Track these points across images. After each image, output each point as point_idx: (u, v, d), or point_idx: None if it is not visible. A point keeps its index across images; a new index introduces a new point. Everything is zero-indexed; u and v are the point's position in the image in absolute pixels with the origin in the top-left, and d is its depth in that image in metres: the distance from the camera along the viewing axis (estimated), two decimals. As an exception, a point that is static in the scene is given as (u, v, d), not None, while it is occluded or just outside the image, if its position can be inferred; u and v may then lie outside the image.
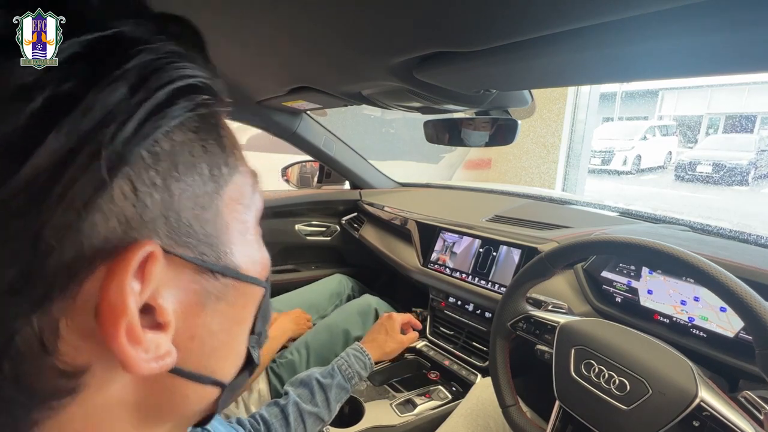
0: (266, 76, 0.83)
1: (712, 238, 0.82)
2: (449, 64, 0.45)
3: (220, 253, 0.22)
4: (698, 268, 0.45)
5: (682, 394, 0.47)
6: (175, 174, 0.19)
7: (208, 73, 0.21)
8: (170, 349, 0.20)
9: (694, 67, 0.40)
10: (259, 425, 0.59)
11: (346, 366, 0.71)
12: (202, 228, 0.21)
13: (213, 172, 0.22)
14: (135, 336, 0.19)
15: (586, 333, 0.58)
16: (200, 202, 0.21)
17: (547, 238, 0.92)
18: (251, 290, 0.25)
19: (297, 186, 1.65)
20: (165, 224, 0.19)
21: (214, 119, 0.22)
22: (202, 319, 0.22)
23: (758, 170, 7.88)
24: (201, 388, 0.24)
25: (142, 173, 0.18)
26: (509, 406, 0.65)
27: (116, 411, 0.21)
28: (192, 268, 0.21)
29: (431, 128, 0.88)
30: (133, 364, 0.19)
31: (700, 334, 0.65)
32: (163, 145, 0.19)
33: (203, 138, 0.21)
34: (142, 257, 0.18)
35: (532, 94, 0.69)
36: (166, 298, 0.20)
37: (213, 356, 0.24)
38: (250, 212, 0.25)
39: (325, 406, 0.65)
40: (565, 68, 0.42)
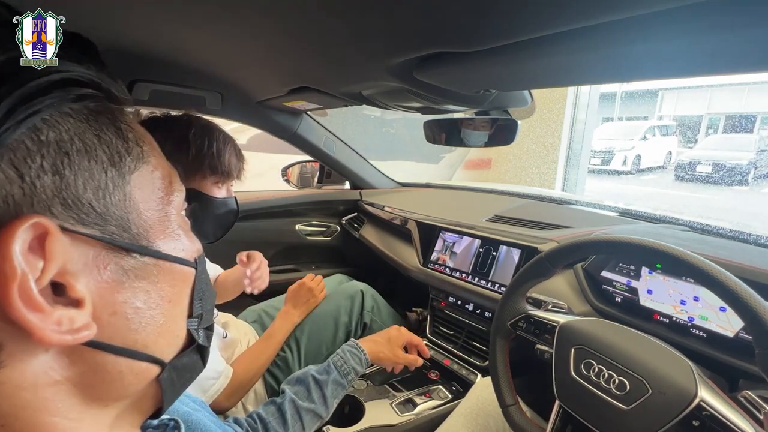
0: (266, 76, 0.83)
1: (712, 238, 0.82)
2: (449, 65, 0.45)
3: (135, 235, 0.24)
4: (698, 268, 0.45)
5: (681, 394, 0.47)
6: (67, 160, 0.21)
7: (96, 73, 0.23)
8: (87, 323, 0.21)
9: (693, 67, 0.40)
10: (256, 424, 0.60)
11: (342, 362, 0.71)
12: (107, 209, 0.22)
13: (113, 159, 0.23)
14: (33, 302, 0.19)
15: (586, 332, 0.58)
16: (102, 186, 0.22)
17: (547, 238, 0.92)
18: (178, 270, 0.27)
19: (297, 186, 1.65)
20: (61, 204, 0.21)
21: (110, 114, 0.24)
22: (123, 295, 0.23)
23: (758, 170, 7.88)
24: (136, 364, 0.24)
25: (27, 158, 0.19)
26: (509, 405, 0.65)
27: (49, 391, 0.21)
28: (102, 246, 0.22)
29: (431, 128, 0.88)
30: (39, 333, 0.19)
31: (700, 333, 0.65)
32: (47, 134, 0.20)
33: (96, 128, 0.23)
34: (30, 229, 0.19)
35: (532, 94, 0.69)
36: (77, 276, 0.21)
37: (142, 332, 0.24)
38: (168, 202, 0.27)
39: (322, 403, 0.65)
40: (565, 68, 0.42)
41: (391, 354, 0.80)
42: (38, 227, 0.20)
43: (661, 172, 9.28)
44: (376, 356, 0.78)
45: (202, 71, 0.84)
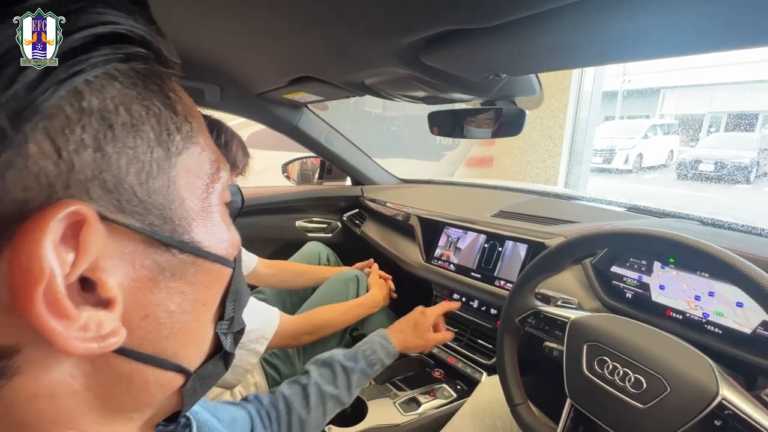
0: (266, 65, 0.81)
1: (726, 231, 0.80)
2: (458, 45, 0.43)
3: (176, 227, 0.21)
4: (722, 260, 0.43)
5: (702, 392, 0.45)
6: (110, 134, 0.18)
7: (147, 29, 0.19)
8: (117, 328, 0.19)
9: (714, 40, 0.38)
10: (278, 402, 0.57)
11: (370, 352, 0.68)
12: (149, 197, 0.19)
13: (161, 138, 0.20)
14: (60, 308, 0.16)
15: (599, 328, 0.55)
16: (146, 168, 0.19)
17: (554, 233, 0.90)
18: (216, 269, 0.24)
19: (297, 182, 1.63)
20: (101, 188, 0.17)
21: (159, 79, 0.20)
22: (157, 296, 0.20)
23: (760, 168, 7.85)
24: (162, 374, 0.22)
25: (65, 129, 0.16)
26: (518, 404, 0.62)
27: (70, 402, 0.19)
28: (141, 239, 0.19)
29: (436, 120, 0.86)
30: (62, 342, 0.17)
31: (716, 330, 0.63)
32: (90, 99, 0.17)
33: (145, 97, 0.19)
34: (66, 218, 0.16)
35: (541, 83, 0.67)
36: (110, 272, 0.18)
37: (173, 338, 0.22)
38: (213, 190, 0.23)
39: (346, 390, 0.63)
40: (578, 46, 0.40)
41: (421, 341, 0.78)
42: (75, 215, 0.16)
43: (663, 170, 9.25)
44: (405, 347, 0.75)
45: (199, 62, 0.82)
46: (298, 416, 0.57)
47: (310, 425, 0.58)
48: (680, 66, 11.83)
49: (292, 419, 0.57)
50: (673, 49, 0.40)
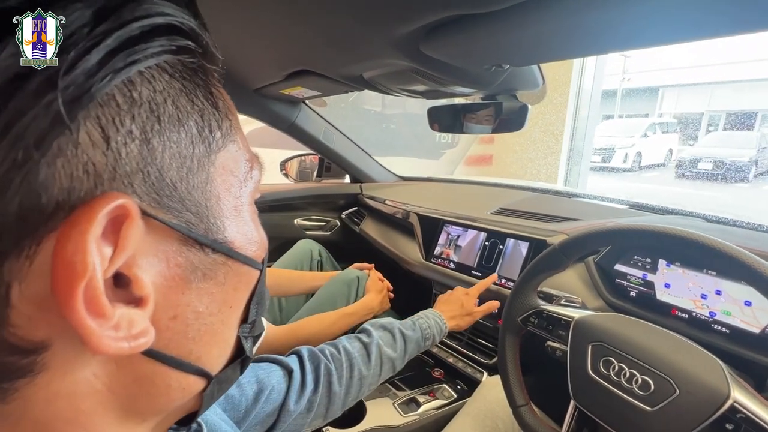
0: (262, 59, 0.79)
1: (733, 228, 0.78)
2: (459, 33, 0.41)
3: (211, 225, 0.20)
4: (737, 258, 0.42)
5: (712, 395, 0.43)
6: (157, 126, 0.17)
7: (195, 22, 0.19)
8: (147, 327, 0.18)
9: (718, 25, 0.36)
10: (340, 355, 0.58)
11: (427, 326, 0.69)
12: (188, 193, 0.19)
13: (203, 133, 0.20)
14: (97, 306, 0.16)
15: (605, 328, 0.54)
16: (187, 164, 0.19)
17: (556, 231, 0.88)
18: (245, 271, 0.23)
19: (296, 180, 1.61)
20: (144, 181, 0.17)
21: (203, 74, 0.20)
22: (187, 297, 0.20)
23: (759, 167, 7.86)
24: (184, 377, 0.21)
25: (116, 118, 0.16)
26: (520, 406, 0.61)
27: (89, 402, 0.18)
28: (176, 237, 0.19)
29: (435, 115, 0.84)
30: (95, 341, 0.16)
31: (723, 329, 0.61)
32: (141, 90, 0.17)
33: (190, 91, 0.19)
34: (112, 212, 0.16)
35: (543, 76, 0.65)
36: (145, 269, 0.18)
37: (198, 341, 0.21)
38: (246, 189, 0.23)
39: (402, 356, 0.64)
40: (584, 33, 0.38)
41: (471, 317, 0.80)
42: (120, 209, 0.16)
43: (662, 169, 9.26)
44: (456, 325, 0.78)
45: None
46: (359, 371, 0.58)
47: (366, 382, 0.59)
48: (679, 65, 11.83)
49: (353, 373, 0.57)
50: (681, 34, 0.38)
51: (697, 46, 10.93)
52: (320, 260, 1.27)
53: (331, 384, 0.55)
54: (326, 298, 1.00)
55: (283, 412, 0.50)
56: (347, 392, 0.57)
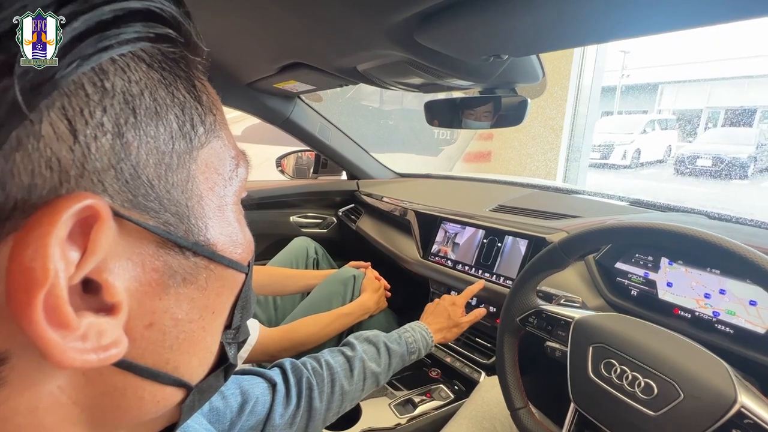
0: (254, 52, 0.77)
1: (735, 225, 0.76)
2: (455, 21, 0.39)
3: (192, 227, 0.19)
4: (745, 257, 0.40)
5: (719, 399, 0.41)
6: (132, 119, 0.16)
7: (178, 10, 0.18)
8: (118, 337, 0.17)
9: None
10: (322, 370, 0.57)
11: (413, 340, 0.68)
12: (167, 192, 0.18)
13: (184, 128, 0.19)
14: (60, 315, 0.15)
15: (606, 329, 0.52)
16: (166, 161, 0.18)
17: (555, 228, 0.86)
18: (229, 275, 0.22)
19: (292, 177, 1.59)
20: (116, 179, 0.16)
21: (186, 65, 0.19)
22: (165, 303, 0.18)
23: (758, 164, 7.86)
24: (159, 389, 0.20)
25: (84, 110, 0.15)
26: (519, 408, 0.59)
27: (52, 418, 0.17)
28: (153, 239, 0.17)
29: (433, 110, 0.82)
30: (58, 355, 0.15)
31: (726, 329, 0.59)
32: (114, 80, 0.15)
33: (170, 83, 0.18)
34: (79, 212, 0.14)
35: (544, 69, 0.63)
36: (118, 274, 0.16)
37: (176, 349, 0.20)
38: (231, 187, 0.22)
39: (386, 371, 0.63)
40: (585, 20, 0.36)
41: (458, 329, 0.80)
42: (87, 210, 0.15)
43: (661, 166, 9.25)
44: (443, 338, 0.77)
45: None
46: (341, 386, 0.57)
47: (348, 397, 0.58)
48: (679, 61, 11.81)
49: (335, 388, 0.56)
50: (682, 20, 0.36)
51: (696, 42, 10.90)
52: (316, 258, 1.25)
53: (312, 399, 0.54)
54: (322, 296, 0.98)
55: (268, 426, 0.49)
56: (328, 408, 0.56)
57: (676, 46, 11.84)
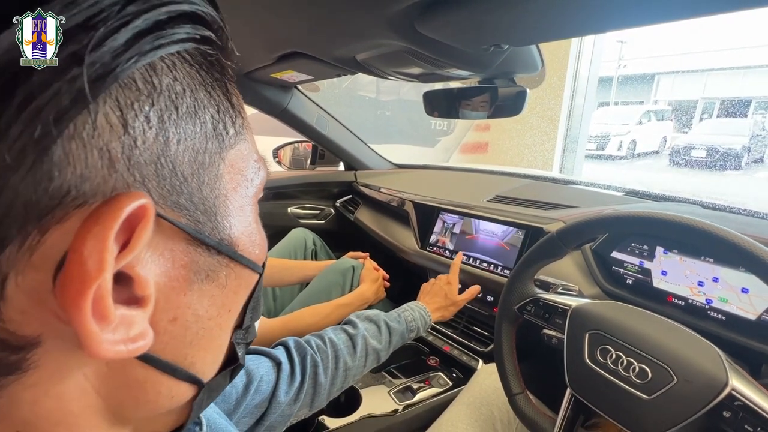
0: (251, 41, 0.76)
1: (730, 214, 0.77)
2: (457, 10, 0.39)
3: (217, 225, 0.20)
4: (740, 246, 0.41)
5: (710, 382, 0.43)
6: (174, 116, 0.17)
7: (217, 14, 0.19)
8: (145, 329, 0.17)
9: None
10: (326, 347, 0.59)
11: (411, 318, 0.70)
12: (199, 189, 0.18)
13: (218, 129, 0.19)
14: (103, 309, 0.15)
15: (602, 316, 0.53)
16: (200, 159, 0.18)
17: (552, 218, 0.87)
18: (246, 274, 0.22)
19: (289, 168, 1.58)
20: (156, 174, 0.16)
21: (220, 68, 0.20)
22: (188, 298, 0.19)
23: (752, 155, 7.92)
24: (176, 384, 0.20)
25: (135, 103, 0.15)
26: (516, 394, 0.61)
27: (77, 404, 0.17)
28: (184, 236, 0.18)
29: (432, 100, 0.82)
30: (95, 346, 0.15)
31: (719, 316, 0.61)
32: (162, 77, 0.16)
33: (209, 84, 0.19)
34: (131, 211, 0.15)
35: (543, 59, 0.63)
36: (149, 268, 0.17)
37: (195, 345, 0.20)
38: (252, 188, 0.22)
39: (386, 347, 0.65)
40: (587, 8, 0.36)
41: (454, 307, 0.82)
42: (139, 209, 0.15)
43: (656, 157, 9.30)
44: (442, 316, 0.80)
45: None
46: (345, 362, 0.59)
47: (351, 373, 0.60)
48: (675, 51, 11.78)
49: (339, 364, 0.58)
50: (683, 10, 0.37)
51: (692, 33, 10.86)
52: (314, 249, 1.25)
53: (317, 375, 0.56)
54: (321, 287, 0.99)
55: (273, 403, 0.50)
56: (332, 383, 0.57)
57: (673, 36, 11.80)
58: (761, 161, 8.11)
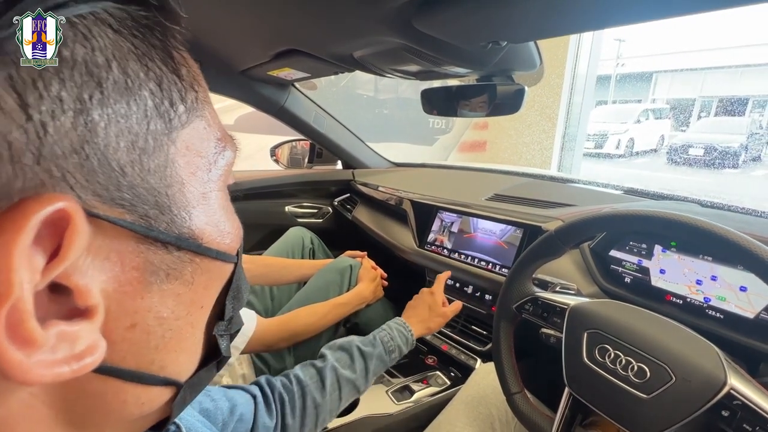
0: (248, 38, 0.75)
1: (728, 213, 0.77)
2: (455, 6, 0.39)
3: (174, 218, 0.17)
4: (740, 244, 0.40)
5: (709, 381, 0.42)
6: (98, 95, 0.14)
7: None
8: (95, 342, 0.15)
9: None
10: (292, 386, 0.55)
11: (389, 338, 0.66)
12: (143, 180, 0.16)
13: (162, 106, 0.16)
14: (24, 332, 0.13)
15: (600, 315, 0.53)
16: (140, 144, 0.16)
17: (550, 216, 0.87)
18: (216, 267, 0.20)
19: (287, 166, 1.58)
20: (81, 167, 0.14)
21: (162, 33, 0.17)
22: (147, 302, 0.17)
23: (749, 153, 7.94)
24: (144, 390, 0.18)
25: (37, 81, 0.12)
26: (514, 393, 0.60)
27: (26, 425, 0.16)
28: (132, 235, 0.16)
29: (430, 98, 0.81)
30: (21, 375, 0.13)
31: (717, 315, 0.61)
32: (73, 47, 0.13)
33: (144, 53, 0.16)
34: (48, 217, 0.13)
35: (541, 56, 0.63)
36: (91, 276, 0.15)
37: (162, 349, 0.18)
38: (215, 171, 0.20)
39: (363, 376, 0.61)
40: (586, 4, 0.36)
41: (440, 318, 0.78)
42: (58, 213, 0.13)
43: (654, 155, 9.31)
44: (427, 327, 0.76)
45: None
46: (313, 399, 0.55)
47: (324, 410, 0.55)
48: (673, 50, 11.80)
49: (306, 402, 0.54)
50: (683, 6, 0.36)
51: (690, 31, 10.88)
52: (312, 248, 1.25)
53: (285, 416, 0.52)
54: (319, 286, 0.98)
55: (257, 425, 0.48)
56: (302, 423, 0.54)
57: (671, 34, 11.82)
58: (758, 159, 8.14)
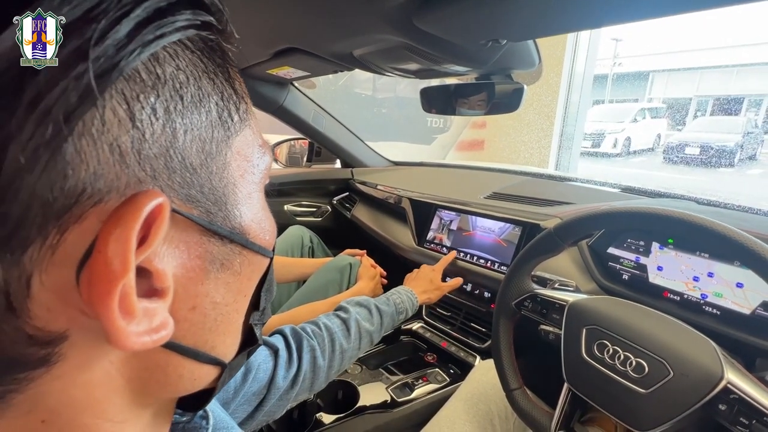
0: (247, 36, 0.75)
1: (725, 210, 0.78)
2: (455, 5, 0.39)
3: (228, 214, 0.20)
4: (738, 241, 0.41)
5: (706, 376, 0.43)
6: (180, 106, 0.17)
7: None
8: (166, 319, 0.18)
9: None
10: (321, 331, 0.61)
11: (400, 301, 0.74)
12: (208, 179, 0.18)
13: (223, 116, 0.19)
14: (129, 306, 0.16)
15: (599, 312, 0.53)
16: (207, 148, 0.18)
17: (549, 214, 0.87)
18: (258, 260, 0.23)
19: (286, 165, 1.58)
20: (166, 167, 0.16)
21: (221, 53, 0.19)
22: (206, 287, 0.20)
23: (744, 152, 7.99)
24: (198, 367, 0.21)
25: (141, 95, 0.15)
26: (514, 389, 0.61)
27: (103, 390, 0.18)
28: (197, 228, 0.18)
29: (429, 96, 0.82)
30: (122, 339, 0.16)
31: (714, 311, 0.61)
32: (165, 66, 0.16)
33: (212, 71, 0.18)
34: (150, 210, 0.15)
35: (540, 55, 0.63)
36: (166, 261, 0.17)
37: (215, 330, 0.21)
38: (258, 174, 0.22)
39: (378, 329, 0.67)
40: (587, 2, 0.36)
41: (439, 291, 0.88)
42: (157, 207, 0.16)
43: (650, 154, 9.36)
44: (427, 298, 0.85)
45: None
46: (341, 345, 0.61)
47: (348, 355, 0.62)
48: (670, 49, 11.85)
49: (335, 347, 0.60)
50: (681, 5, 0.37)
51: (687, 31, 10.93)
52: (311, 247, 1.25)
53: (316, 359, 0.57)
54: (318, 285, 0.99)
55: (271, 388, 0.51)
56: (330, 365, 0.59)
57: (667, 34, 11.87)
58: (754, 158, 8.20)
